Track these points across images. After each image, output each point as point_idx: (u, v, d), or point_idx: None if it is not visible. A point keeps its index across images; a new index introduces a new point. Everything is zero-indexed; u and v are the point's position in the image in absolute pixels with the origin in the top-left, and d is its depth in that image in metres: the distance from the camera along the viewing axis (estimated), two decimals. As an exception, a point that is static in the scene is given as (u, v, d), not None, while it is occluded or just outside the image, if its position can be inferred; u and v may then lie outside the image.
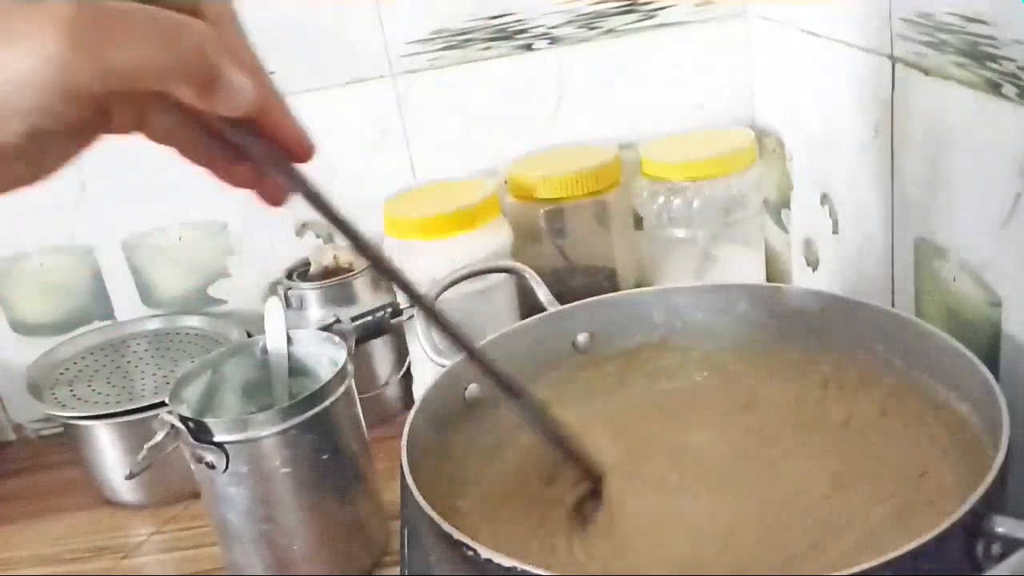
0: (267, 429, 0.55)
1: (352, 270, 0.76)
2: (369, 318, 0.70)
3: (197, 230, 0.81)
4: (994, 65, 0.45)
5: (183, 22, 0.32)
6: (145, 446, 0.58)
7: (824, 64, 0.65)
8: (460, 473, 0.51)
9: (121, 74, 0.31)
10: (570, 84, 0.80)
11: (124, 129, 0.35)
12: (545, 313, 0.58)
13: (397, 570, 0.58)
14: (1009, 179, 0.45)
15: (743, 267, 0.75)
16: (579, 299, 0.58)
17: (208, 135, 0.37)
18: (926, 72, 0.51)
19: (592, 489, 0.48)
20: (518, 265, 0.64)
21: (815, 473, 0.48)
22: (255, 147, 0.36)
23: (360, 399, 0.61)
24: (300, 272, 0.78)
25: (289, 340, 0.62)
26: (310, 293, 0.75)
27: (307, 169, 0.37)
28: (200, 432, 0.55)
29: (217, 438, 0.55)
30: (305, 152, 0.37)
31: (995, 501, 0.36)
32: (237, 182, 0.38)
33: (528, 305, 0.65)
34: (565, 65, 0.79)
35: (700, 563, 0.43)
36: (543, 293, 0.60)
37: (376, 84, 0.78)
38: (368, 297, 0.75)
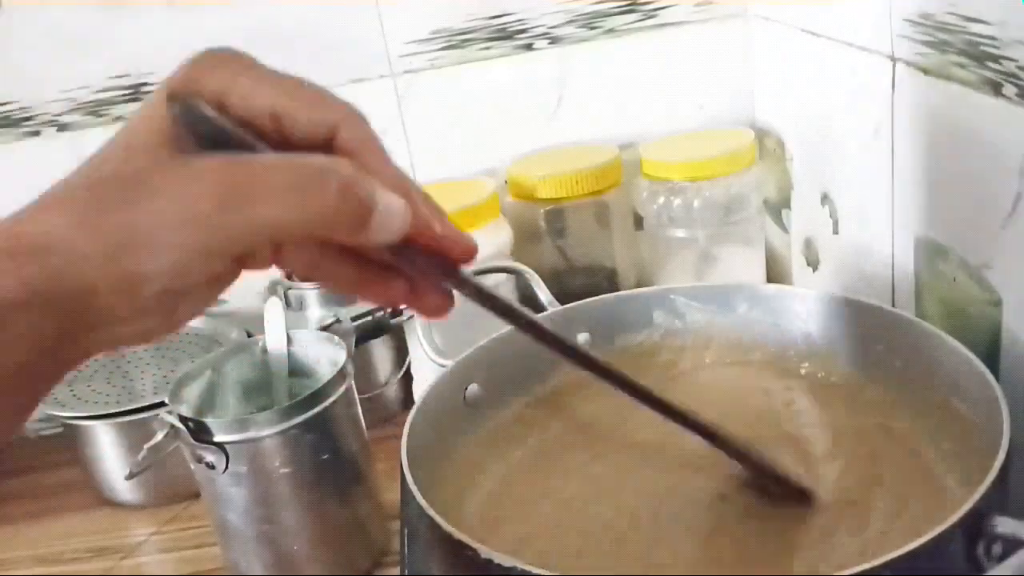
0: (267, 429, 0.55)
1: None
2: (369, 318, 0.70)
3: (197, 230, 0.81)
4: (994, 65, 0.45)
5: (325, 167, 0.29)
6: (145, 446, 0.58)
7: (824, 64, 0.65)
8: (460, 473, 0.51)
9: (268, 231, 0.29)
10: (570, 84, 0.80)
11: (261, 266, 0.33)
12: (545, 313, 0.58)
13: (397, 570, 0.58)
14: (1009, 179, 0.45)
15: (743, 267, 0.75)
16: (579, 299, 0.58)
17: (353, 259, 0.34)
18: (926, 72, 0.51)
19: None
20: (518, 265, 0.64)
21: (815, 473, 0.48)
22: (417, 262, 0.33)
23: (360, 399, 0.61)
24: (300, 272, 0.78)
25: (289, 340, 0.62)
26: (310, 293, 0.74)
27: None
28: (200, 432, 0.55)
29: (217, 438, 0.55)
30: (468, 252, 0.34)
31: (996, 501, 0.36)
32: (392, 299, 0.35)
33: (528, 305, 0.65)
34: (565, 65, 0.79)
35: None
36: (543, 293, 0.60)
37: (376, 84, 0.78)
38: (368, 297, 0.75)
